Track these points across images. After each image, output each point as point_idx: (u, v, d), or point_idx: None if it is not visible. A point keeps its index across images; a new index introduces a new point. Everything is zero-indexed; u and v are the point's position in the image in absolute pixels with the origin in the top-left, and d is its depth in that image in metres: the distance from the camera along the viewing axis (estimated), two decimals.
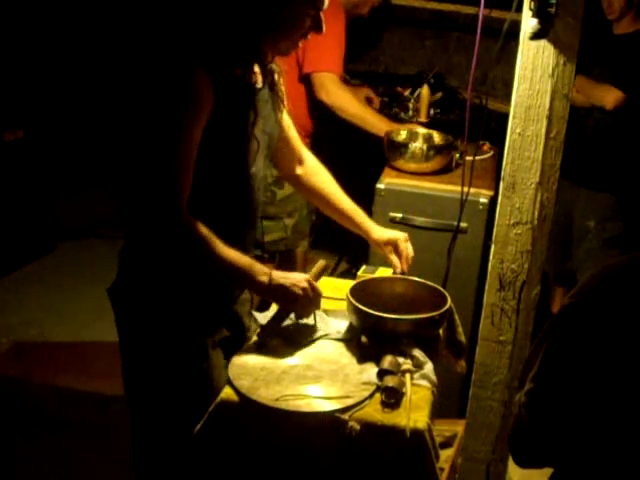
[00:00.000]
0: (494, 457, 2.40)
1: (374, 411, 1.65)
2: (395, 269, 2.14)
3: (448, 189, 2.88)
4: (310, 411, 1.64)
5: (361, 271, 2.26)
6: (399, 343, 1.82)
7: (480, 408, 2.35)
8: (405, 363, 1.76)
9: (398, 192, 2.94)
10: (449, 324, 2.10)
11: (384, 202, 2.92)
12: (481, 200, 2.83)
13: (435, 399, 1.73)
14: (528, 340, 2.25)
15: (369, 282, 2.05)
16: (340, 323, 1.96)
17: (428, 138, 3.23)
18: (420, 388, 1.73)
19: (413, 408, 1.64)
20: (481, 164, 3.08)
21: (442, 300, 1.94)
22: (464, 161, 2.86)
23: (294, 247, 3.28)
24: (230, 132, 1.80)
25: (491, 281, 2.24)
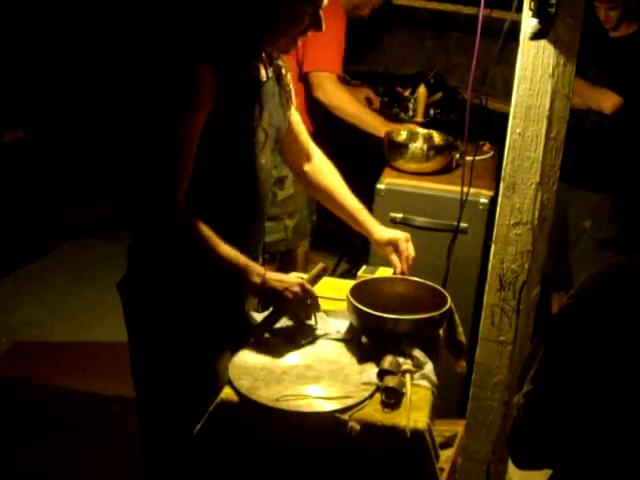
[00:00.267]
0: (494, 457, 2.40)
1: (374, 411, 1.65)
2: (395, 269, 2.14)
3: (448, 189, 2.88)
4: (310, 411, 1.64)
5: (361, 271, 2.25)
6: (399, 343, 1.81)
7: (480, 408, 2.36)
8: (405, 363, 1.76)
9: (398, 192, 2.94)
10: (449, 324, 2.10)
11: (384, 202, 2.92)
12: (481, 200, 2.83)
13: (435, 399, 1.73)
14: (528, 340, 2.25)
15: (369, 282, 2.05)
16: (340, 323, 1.96)
17: (428, 138, 3.23)
18: (420, 388, 1.73)
19: (413, 408, 1.64)
20: (481, 164, 3.08)
21: (442, 300, 1.94)
22: (464, 161, 2.87)
23: (295, 248, 3.28)
24: (236, 124, 1.81)
25: (491, 281, 2.24)
